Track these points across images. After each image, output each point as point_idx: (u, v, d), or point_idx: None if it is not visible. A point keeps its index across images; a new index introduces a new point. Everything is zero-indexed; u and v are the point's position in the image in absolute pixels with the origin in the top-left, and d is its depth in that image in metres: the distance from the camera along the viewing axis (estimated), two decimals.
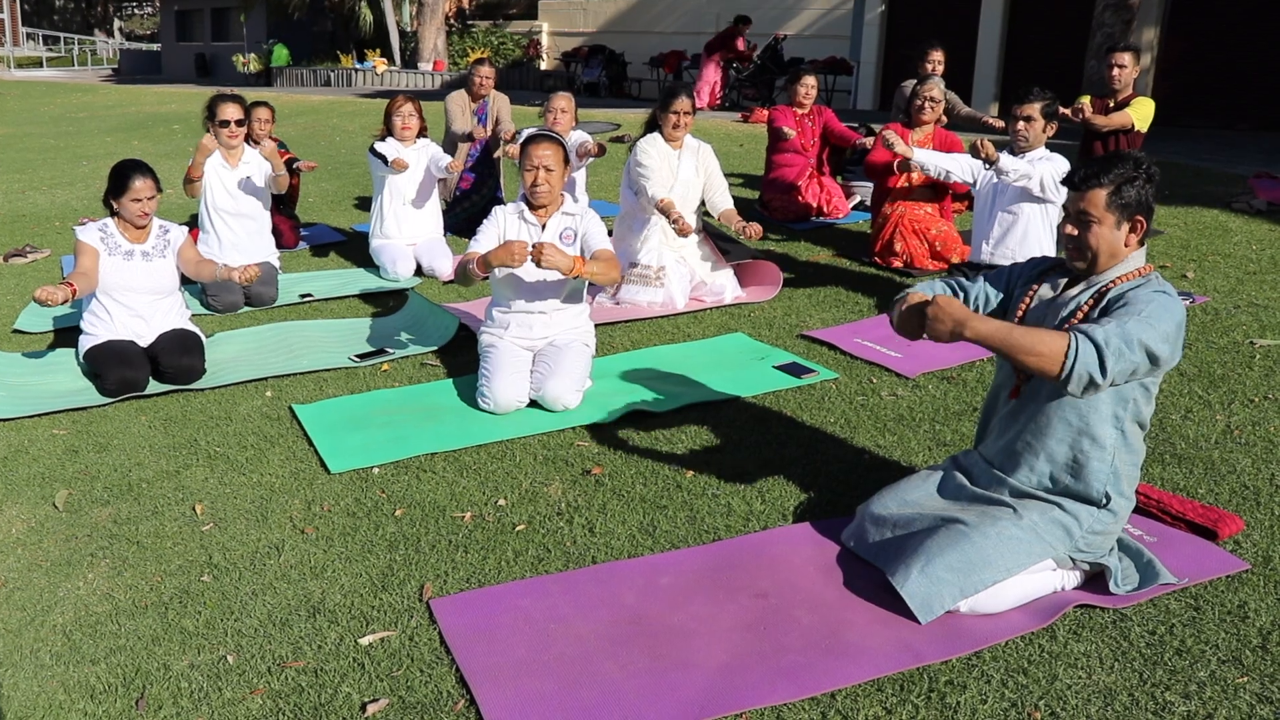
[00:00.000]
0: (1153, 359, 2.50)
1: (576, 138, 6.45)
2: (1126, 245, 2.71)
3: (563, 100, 6.43)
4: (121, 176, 4.59)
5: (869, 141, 7.37)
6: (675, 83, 5.81)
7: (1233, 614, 2.69)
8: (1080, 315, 2.71)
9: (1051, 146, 5.14)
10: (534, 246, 3.99)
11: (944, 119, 6.36)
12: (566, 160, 4.38)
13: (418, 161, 6.33)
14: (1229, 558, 2.93)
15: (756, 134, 10.66)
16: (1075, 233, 2.73)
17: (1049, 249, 5.06)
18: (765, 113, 12.89)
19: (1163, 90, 12.49)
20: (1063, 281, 2.87)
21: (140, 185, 4.57)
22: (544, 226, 4.38)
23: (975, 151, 5.06)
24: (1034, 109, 4.98)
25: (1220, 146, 10.42)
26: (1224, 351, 4.54)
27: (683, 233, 5.28)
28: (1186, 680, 2.45)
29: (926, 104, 6.13)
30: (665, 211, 5.40)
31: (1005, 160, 4.93)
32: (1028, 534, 2.72)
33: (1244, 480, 3.42)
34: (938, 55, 7.47)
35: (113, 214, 4.68)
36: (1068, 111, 6.22)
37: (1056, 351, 2.46)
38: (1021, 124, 5.00)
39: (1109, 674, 2.48)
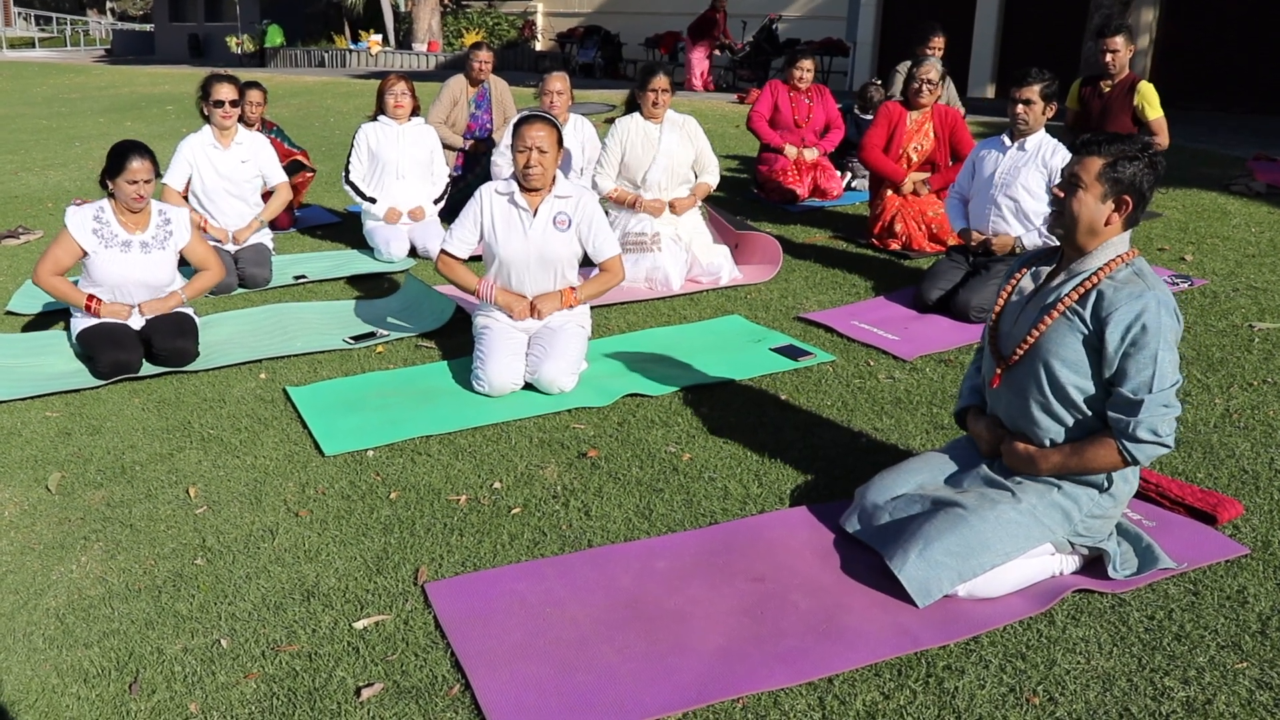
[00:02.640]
0: (1180, 380, 2.62)
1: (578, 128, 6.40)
2: (1108, 224, 2.68)
3: (558, 82, 6.27)
4: (119, 156, 4.45)
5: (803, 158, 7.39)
6: (652, 61, 5.78)
7: (1232, 599, 2.68)
8: (1063, 307, 2.69)
9: (1050, 130, 5.10)
10: (533, 307, 4.33)
11: (942, 97, 6.32)
12: (560, 143, 4.29)
13: (412, 157, 6.33)
14: (1228, 542, 2.92)
15: None
16: (1061, 195, 2.74)
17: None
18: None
19: (1160, 72, 12.44)
20: (1045, 271, 2.85)
21: (138, 166, 4.44)
22: (535, 212, 4.28)
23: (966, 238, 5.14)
24: (1033, 91, 4.93)
25: (1218, 129, 10.39)
26: (1223, 335, 4.52)
27: (653, 210, 5.59)
28: (1185, 665, 2.44)
29: (924, 87, 6.06)
30: (620, 201, 5.63)
31: (1027, 240, 4.94)
32: (1026, 518, 2.71)
33: (1243, 464, 3.40)
34: (939, 41, 7.41)
35: (109, 195, 4.55)
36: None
37: (1115, 463, 2.67)
38: (1021, 107, 4.96)
39: (1107, 659, 2.47)
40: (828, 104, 7.49)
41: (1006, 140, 5.09)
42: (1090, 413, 2.70)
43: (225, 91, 5.72)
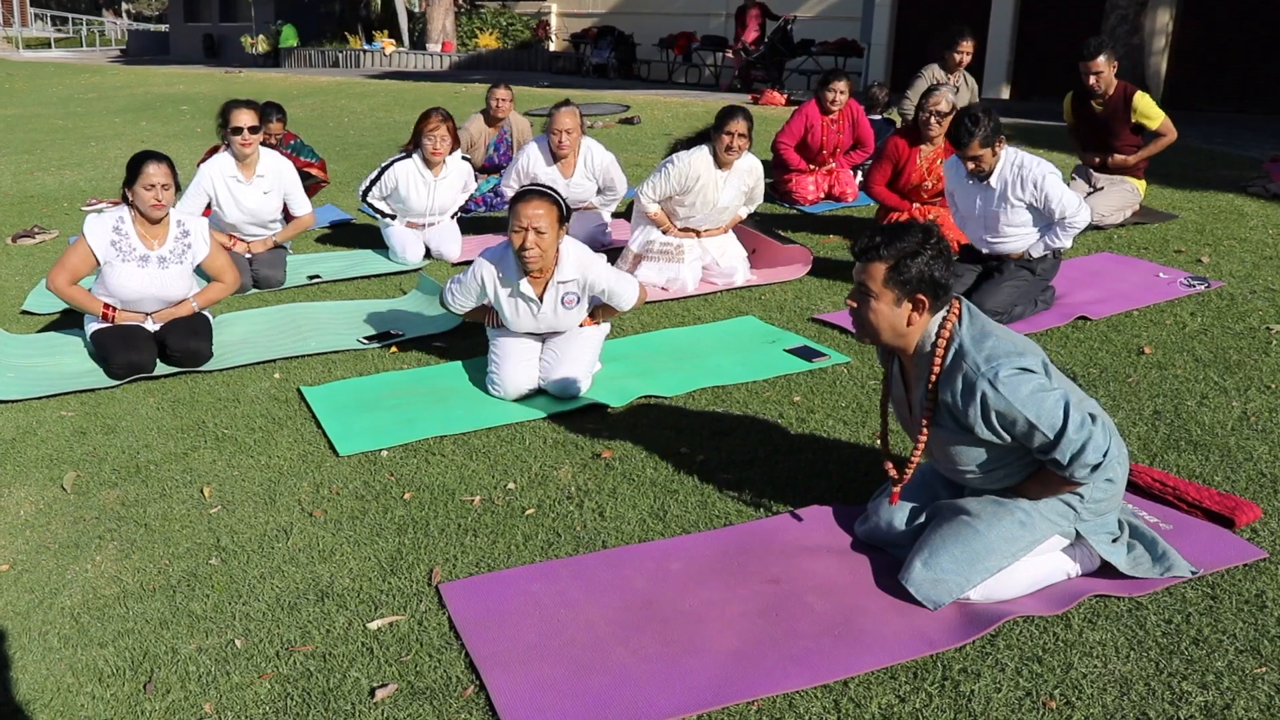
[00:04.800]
0: (1067, 406, 2.50)
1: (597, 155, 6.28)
2: (910, 324, 2.63)
3: (568, 119, 5.89)
4: (135, 163, 4.42)
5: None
6: (733, 105, 5.40)
7: (1250, 603, 2.66)
8: (926, 425, 2.68)
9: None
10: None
11: None
12: (563, 219, 3.94)
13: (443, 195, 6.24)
14: (1246, 546, 2.90)
15: (766, 117, 10.61)
16: (854, 305, 2.67)
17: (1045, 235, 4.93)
18: (778, 95, 12.88)
19: (1176, 73, 12.39)
20: (898, 372, 2.84)
21: (153, 170, 4.38)
22: (541, 298, 4.11)
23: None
24: (974, 148, 4.54)
25: (1235, 130, 10.33)
26: (1240, 337, 4.49)
27: (683, 237, 5.51)
28: (1204, 670, 2.42)
29: (932, 119, 5.69)
30: (657, 222, 5.53)
31: (1035, 250, 4.79)
32: (1031, 516, 2.69)
33: (1261, 468, 3.38)
34: (967, 45, 7.15)
35: (130, 205, 4.50)
36: (1095, 160, 6.26)
37: (1069, 488, 2.65)
38: (970, 164, 4.63)
39: (1125, 663, 2.45)
40: (860, 127, 7.31)
41: (968, 179, 4.80)
42: (1021, 460, 2.69)
43: (245, 118, 5.52)
